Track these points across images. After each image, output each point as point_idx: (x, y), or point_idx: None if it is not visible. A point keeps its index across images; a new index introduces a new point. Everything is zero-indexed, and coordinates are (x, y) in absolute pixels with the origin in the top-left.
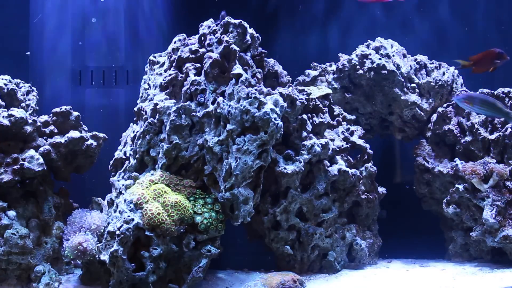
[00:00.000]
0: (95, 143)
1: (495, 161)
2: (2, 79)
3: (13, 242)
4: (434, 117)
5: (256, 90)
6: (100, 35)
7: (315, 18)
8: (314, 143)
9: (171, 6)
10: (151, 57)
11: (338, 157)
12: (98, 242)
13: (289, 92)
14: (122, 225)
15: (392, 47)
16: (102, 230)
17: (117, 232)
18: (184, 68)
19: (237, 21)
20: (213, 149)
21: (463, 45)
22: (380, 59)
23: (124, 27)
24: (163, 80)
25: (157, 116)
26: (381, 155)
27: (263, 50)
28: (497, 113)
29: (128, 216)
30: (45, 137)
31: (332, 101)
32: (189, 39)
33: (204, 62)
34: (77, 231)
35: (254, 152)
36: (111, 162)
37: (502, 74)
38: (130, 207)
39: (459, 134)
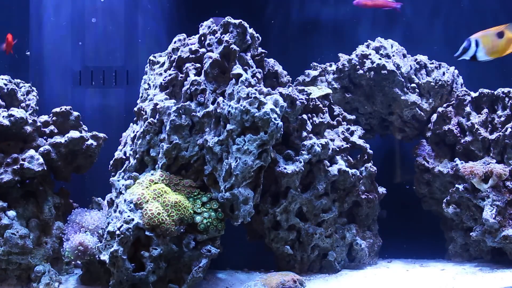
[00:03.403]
0: (95, 143)
1: (495, 161)
2: (2, 79)
3: (13, 242)
4: (434, 117)
5: (256, 90)
6: (100, 35)
7: (315, 18)
8: (314, 143)
9: (171, 6)
10: (151, 57)
11: (338, 157)
12: (98, 242)
13: (289, 92)
14: (122, 225)
15: (392, 47)
16: (102, 230)
17: (117, 232)
18: (184, 68)
19: (237, 21)
20: (213, 149)
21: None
22: (380, 59)
23: (124, 27)
24: (163, 80)
25: (157, 116)
26: (381, 155)
27: (263, 50)
28: None
29: (128, 216)
30: (45, 137)
31: (332, 101)
32: (189, 39)
33: (204, 62)
34: (77, 231)
35: (254, 152)
36: (111, 162)
37: (502, 74)
38: (130, 207)
39: (459, 134)
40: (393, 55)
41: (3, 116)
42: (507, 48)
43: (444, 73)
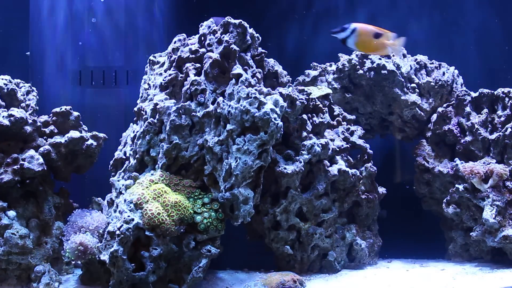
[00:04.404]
0: (95, 143)
1: (495, 161)
2: (2, 79)
3: (13, 242)
4: (434, 117)
5: (256, 90)
6: (100, 35)
7: (315, 18)
8: (314, 143)
9: (171, 6)
10: (151, 57)
11: (338, 157)
12: (98, 242)
13: (289, 92)
14: (122, 225)
15: None
16: (102, 230)
17: (117, 232)
18: (184, 68)
19: (237, 21)
20: (213, 149)
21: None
22: (380, 59)
23: (124, 27)
24: (163, 80)
25: (157, 116)
26: (381, 155)
27: (263, 50)
28: None
29: (128, 216)
30: (45, 137)
31: (332, 101)
32: (189, 39)
33: (204, 62)
34: (77, 231)
35: (254, 152)
36: (111, 162)
37: (502, 74)
38: (130, 207)
39: (459, 134)
40: (393, 55)
41: (3, 116)
42: (374, 50)
43: (444, 73)
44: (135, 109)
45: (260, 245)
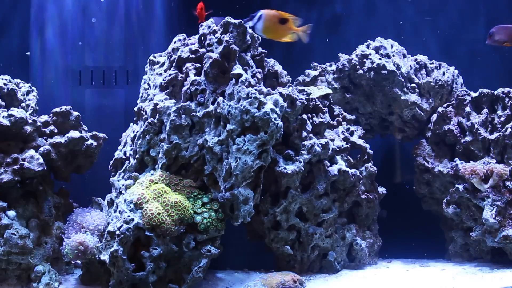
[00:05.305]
0: (95, 143)
1: (495, 161)
2: (2, 79)
3: (13, 242)
4: (434, 117)
5: (256, 90)
6: (100, 35)
7: (315, 18)
8: (314, 143)
9: (171, 6)
10: (151, 57)
11: (338, 157)
12: (98, 242)
13: (289, 92)
14: (122, 225)
15: (392, 47)
16: (102, 230)
17: (117, 232)
18: (184, 68)
19: (237, 21)
20: (213, 149)
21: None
22: (380, 59)
23: (124, 27)
24: (163, 80)
25: (157, 116)
26: (381, 155)
27: (263, 50)
28: None
29: (128, 216)
30: (45, 137)
31: (332, 101)
32: (189, 39)
33: (204, 62)
34: (77, 231)
35: (254, 152)
36: (111, 162)
37: (502, 74)
38: (130, 207)
39: (459, 134)
40: (393, 55)
41: (3, 116)
42: (280, 36)
43: (444, 73)
44: (135, 109)
45: (260, 245)
